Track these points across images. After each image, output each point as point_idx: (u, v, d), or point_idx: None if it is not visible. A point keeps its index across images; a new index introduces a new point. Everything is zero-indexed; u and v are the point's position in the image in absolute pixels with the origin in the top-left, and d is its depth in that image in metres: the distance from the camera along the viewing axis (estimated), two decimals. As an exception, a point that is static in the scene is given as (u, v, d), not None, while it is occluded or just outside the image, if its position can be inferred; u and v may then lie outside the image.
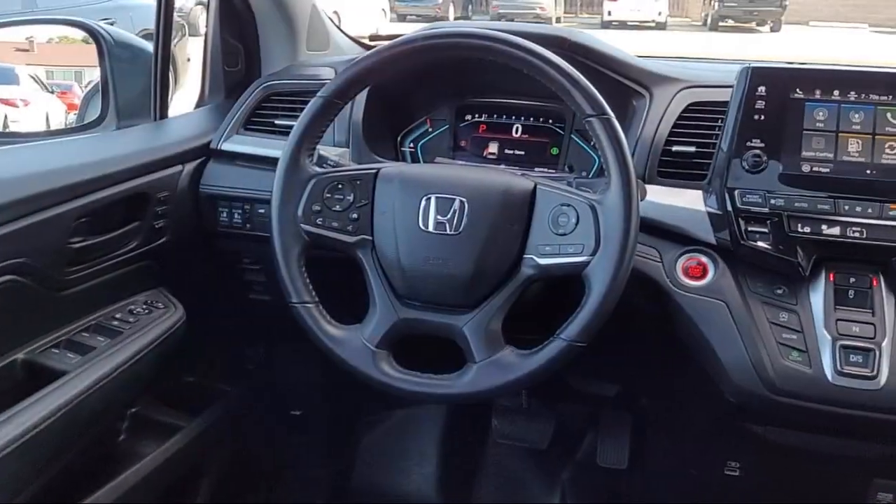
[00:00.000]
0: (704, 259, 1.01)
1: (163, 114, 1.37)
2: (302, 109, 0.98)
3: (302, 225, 0.96)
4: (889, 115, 0.97)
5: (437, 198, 0.93)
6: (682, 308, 0.99)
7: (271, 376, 1.60)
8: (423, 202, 0.93)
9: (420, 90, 1.28)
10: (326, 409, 1.66)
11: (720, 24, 14.16)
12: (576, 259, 0.88)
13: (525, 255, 0.91)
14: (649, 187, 1.02)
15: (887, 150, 0.96)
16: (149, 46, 1.36)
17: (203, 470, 1.40)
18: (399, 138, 1.31)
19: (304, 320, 0.95)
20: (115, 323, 1.11)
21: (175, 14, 1.36)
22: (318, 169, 0.99)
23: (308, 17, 1.46)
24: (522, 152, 1.27)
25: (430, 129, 1.31)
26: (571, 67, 0.91)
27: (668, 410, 1.38)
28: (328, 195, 0.96)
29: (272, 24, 1.43)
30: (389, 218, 0.95)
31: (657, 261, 1.02)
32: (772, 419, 1.00)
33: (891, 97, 0.97)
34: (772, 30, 14.07)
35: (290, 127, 0.99)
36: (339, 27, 1.62)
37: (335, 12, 6.83)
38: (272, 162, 1.01)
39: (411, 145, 1.31)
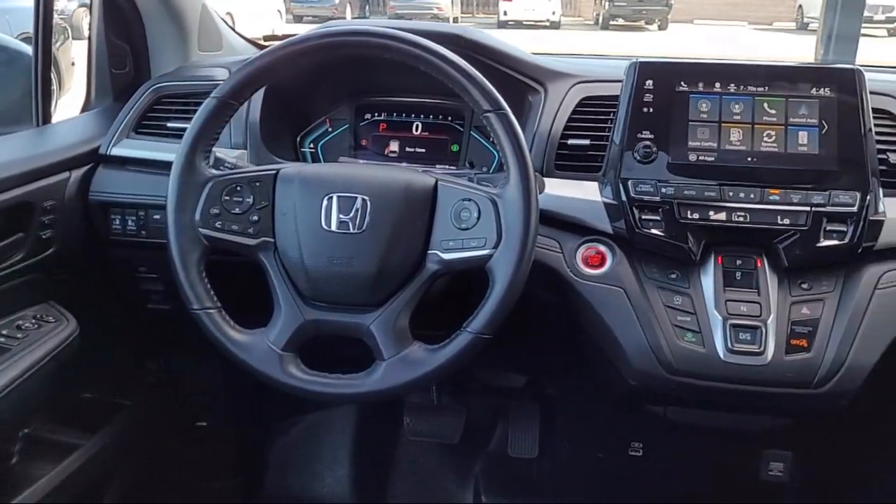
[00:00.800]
0: (602, 248, 1.05)
1: (45, 119, 1.30)
2: (195, 111, 0.96)
3: (200, 229, 0.93)
4: (766, 105, 1.03)
5: (338, 197, 0.93)
6: (583, 296, 1.02)
7: (174, 388, 1.55)
8: (325, 202, 0.93)
9: (318, 90, 1.26)
10: (233, 418, 1.62)
11: (611, 23, 14.67)
12: (479, 252, 0.90)
13: (429, 251, 0.92)
14: (547, 180, 1.05)
15: (765, 139, 1.02)
16: (28, 50, 1.29)
17: (104, 490, 1.34)
18: (298, 139, 1.29)
19: (206, 327, 0.92)
20: (2, 339, 1.05)
21: (56, 16, 1.29)
22: (214, 171, 0.96)
23: (198, 16, 1.42)
24: (423, 150, 1.28)
25: (330, 129, 1.30)
26: (467, 64, 0.92)
27: (574, 397, 1.42)
28: (227, 198, 0.94)
29: (160, 24, 1.38)
30: (291, 219, 0.94)
31: (558, 251, 1.05)
32: (671, 399, 1.05)
33: (767, 88, 1.03)
34: (660, 28, 14.68)
35: (184, 129, 0.96)
36: (232, 28, 1.58)
37: (228, 13, 6.66)
38: (166, 166, 0.97)
39: (311, 146, 1.30)
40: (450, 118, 1.27)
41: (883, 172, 1.02)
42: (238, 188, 0.94)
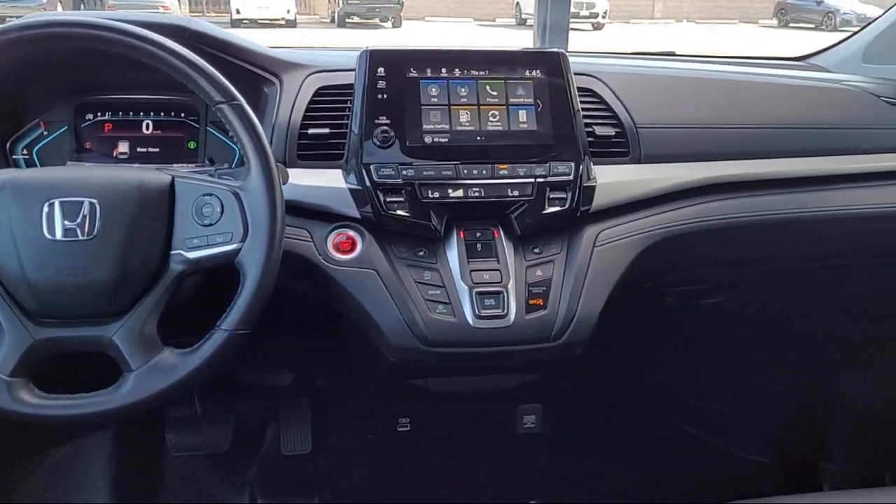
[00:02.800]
0: (352, 233, 1.07)
1: None
2: None
3: None
4: (488, 87, 1.11)
5: (61, 202, 0.85)
6: (337, 281, 1.04)
7: None
8: (46, 209, 0.84)
9: (28, 89, 1.14)
10: None
11: (347, 20, 14.86)
12: (226, 248, 0.87)
13: (172, 251, 0.88)
14: (291, 171, 1.04)
15: (491, 118, 1.10)
16: None
17: None
18: (8, 146, 1.16)
19: None
20: None
21: None
22: None
23: None
24: (157, 149, 1.21)
25: (46, 133, 1.18)
26: (194, 55, 0.89)
27: (342, 385, 1.43)
28: None
29: None
30: (6, 231, 0.84)
31: (308, 240, 1.05)
32: (430, 370, 1.10)
33: (488, 72, 1.11)
34: (394, 25, 15.14)
35: None
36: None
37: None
38: None
39: (24, 152, 1.17)
40: (183, 114, 1.21)
41: (592, 143, 1.15)
42: None
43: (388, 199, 1.05)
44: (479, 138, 1.09)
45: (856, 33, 1.67)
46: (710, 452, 1.88)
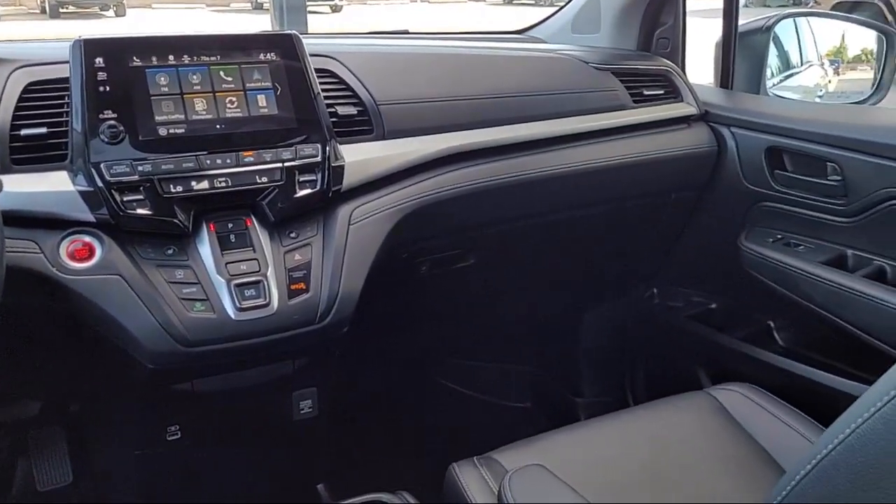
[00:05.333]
0: (88, 238, 0.98)
1: None
2: None
3: None
4: (222, 73, 1.07)
5: None
6: (78, 293, 0.95)
7: None
8: None
9: None
10: None
11: (61, 10, 13.50)
12: None
13: None
14: (6, 178, 0.93)
15: (229, 105, 1.06)
16: None
17: None
18: None
19: None
20: None
21: None
22: None
23: None
24: None
25: None
26: None
27: (98, 405, 1.32)
28: None
29: None
30: None
31: (37, 252, 0.95)
32: (196, 371, 1.05)
33: (220, 57, 1.08)
34: (117, 14, 14.04)
35: None
36: None
37: None
38: None
39: None
40: None
41: (335, 124, 1.16)
42: None
43: (125, 199, 0.98)
44: (219, 126, 1.06)
45: (563, 7, 1.85)
46: (477, 405, 2.01)
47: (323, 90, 1.15)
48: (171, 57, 1.04)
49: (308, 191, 1.08)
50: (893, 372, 0.43)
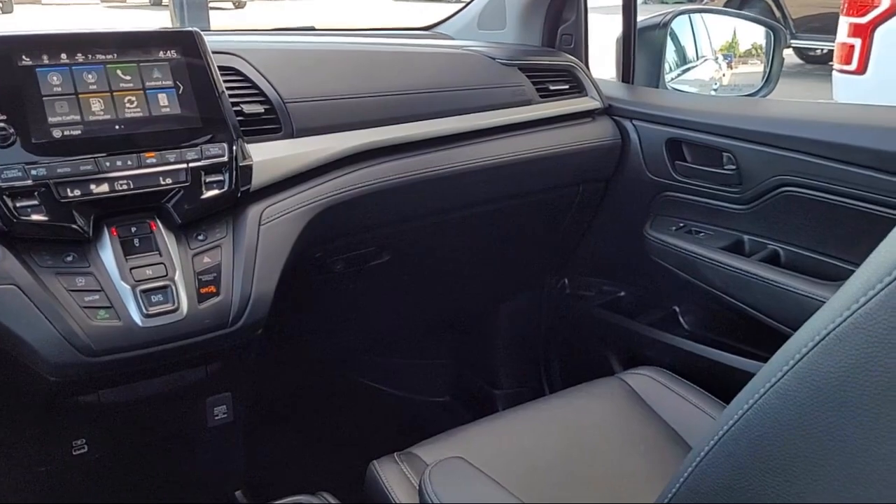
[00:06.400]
0: None
1: None
2: None
3: None
4: (119, 71, 1.03)
5: None
6: None
7: None
8: None
9: None
10: None
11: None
12: None
13: None
14: None
15: (128, 105, 1.03)
16: None
17: None
18: None
19: None
20: None
21: None
22: None
23: None
24: None
25: None
26: None
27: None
28: None
29: None
30: None
31: None
32: (102, 382, 1.01)
33: (117, 55, 1.04)
34: (3, 11, 13.29)
35: None
36: None
37: None
38: None
39: None
40: None
41: (242, 122, 1.13)
42: None
43: (18, 205, 0.93)
44: (118, 127, 1.02)
45: (469, 3, 1.87)
46: (397, 402, 2.02)
47: (227, 88, 1.13)
48: (63, 55, 1.00)
49: (215, 192, 1.06)
50: (785, 348, 0.46)
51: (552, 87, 1.59)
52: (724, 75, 2.03)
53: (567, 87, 1.62)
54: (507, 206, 1.56)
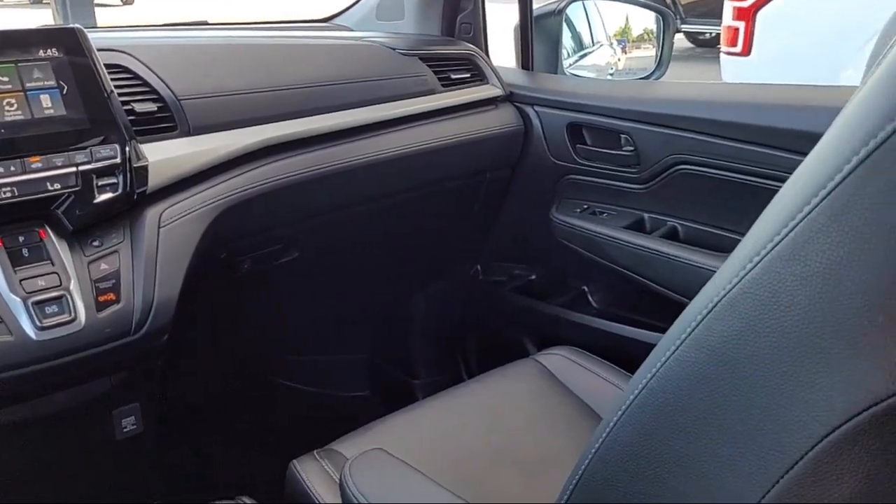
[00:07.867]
0: None
1: None
2: None
3: None
4: (-4, 73, 0.98)
5: None
6: None
7: None
8: None
9: None
10: None
11: None
12: None
13: None
14: None
15: (7, 107, 0.97)
16: None
17: None
18: None
19: None
20: None
21: None
22: None
23: None
24: None
25: None
26: None
27: None
28: None
29: None
30: None
31: None
32: (-3, 402, 0.96)
33: (-8, 57, 0.98)
34: None
35: None
36: None
37: None
38: None
39: None
40: None
41: (134, 122, 1.09)
42: None
43: None
44: (-2, 132, 0.96)
45: (366, -6, 1.85)
46: (315, 399, 2.00)
47: (117, 87, 1.08)
48: (-65, 56, 0.93)
49: (109, 195, 1.02)
50: (682, 318, 0.48)
51: (454, 76, 1.60)
52: (619, 60, 2.09)
53: (468, 75, 1.63)
54: (415, 197, 1.57)
